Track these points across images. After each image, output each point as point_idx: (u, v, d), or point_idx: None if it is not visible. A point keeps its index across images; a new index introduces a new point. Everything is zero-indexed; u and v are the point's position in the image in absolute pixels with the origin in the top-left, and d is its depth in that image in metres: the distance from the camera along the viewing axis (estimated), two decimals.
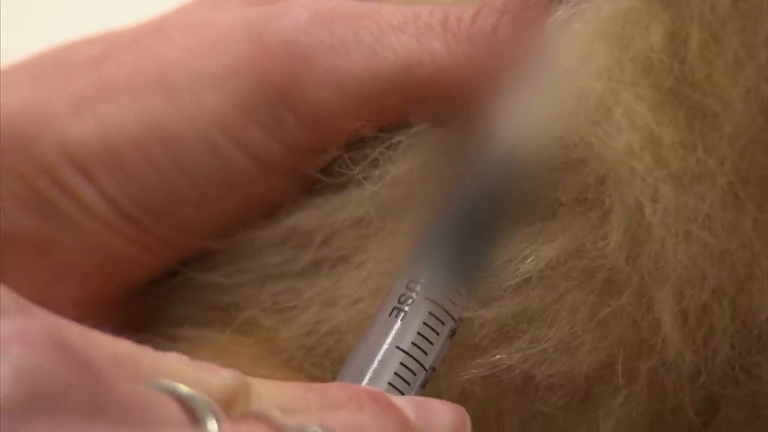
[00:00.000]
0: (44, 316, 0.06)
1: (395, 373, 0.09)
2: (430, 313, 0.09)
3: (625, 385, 0.08)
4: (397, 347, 0.09)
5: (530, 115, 0.09)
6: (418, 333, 0.09)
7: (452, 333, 0.10)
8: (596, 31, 0.09)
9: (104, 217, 0.12)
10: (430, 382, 0.10)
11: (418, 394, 0.09)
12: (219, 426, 0.06)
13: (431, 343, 0.09)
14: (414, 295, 0.10)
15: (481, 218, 0.10)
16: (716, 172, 0.08)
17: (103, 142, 0.12)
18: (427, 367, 0.09)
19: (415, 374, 0.09)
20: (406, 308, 0.09)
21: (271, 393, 0.08)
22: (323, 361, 0.11)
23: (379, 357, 0.09)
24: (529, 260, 0.09)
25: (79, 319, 0.12)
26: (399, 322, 0.09)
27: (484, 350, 0.09)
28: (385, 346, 0.09)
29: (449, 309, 0.09)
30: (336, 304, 0.11)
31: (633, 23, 0.09)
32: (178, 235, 0.13)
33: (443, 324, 0.09)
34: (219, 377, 0.07)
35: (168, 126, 0.12)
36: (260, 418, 0.07)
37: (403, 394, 0.09)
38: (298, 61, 0.12)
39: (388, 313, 0.10)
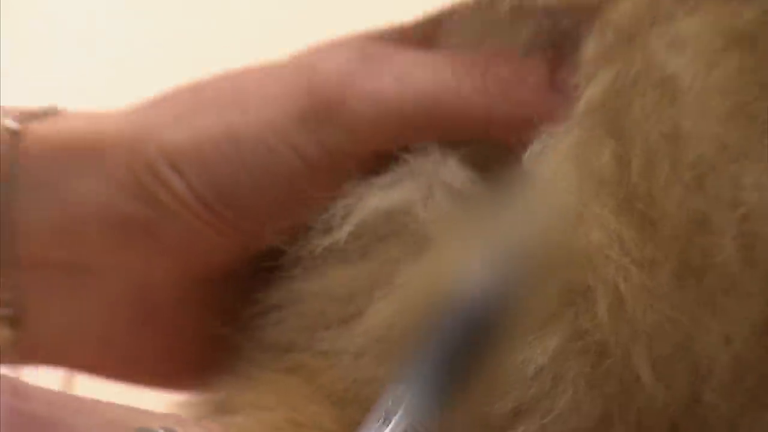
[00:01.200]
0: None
1: None
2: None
3: (621, 426, 0.11)
4: None
5: (518, 233, 0.12)
6: None
7: None
8: (563, 156, 0.12)
9: (192, 206, 0.16)
10: None
11: None
12: None
13: None
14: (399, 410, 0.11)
15: (463, 349, 0.12)
16: (664, 262, 0.11)
17: (192, 144, 0.17)
18: None
19: None
20: (392, 418, 0.11)
21: None
22: (364, 405, 0.12)
23: None
24: (538, 353, 0.11)
25: (176, 293, 0.16)
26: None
27: (507, 426, 0.12)
28: None
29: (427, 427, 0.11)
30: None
31: (588, 148, 0.12)
32: (246, 223, 0.16)
33: None
34: None
35: (240, 132, 0.16)
36: None
37: None
38: (343, 81, 0.16)
39: (376, 420, 0.11)
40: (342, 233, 0.13)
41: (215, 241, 0.17)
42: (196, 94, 0.18)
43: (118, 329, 0.18)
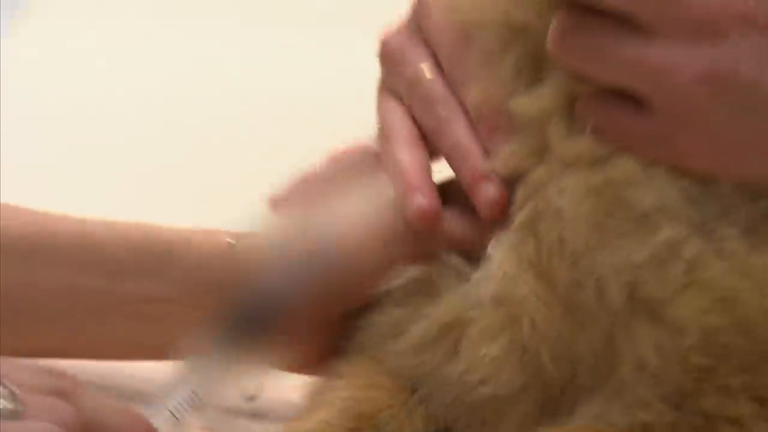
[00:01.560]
0: None
1: None
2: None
3: (533, 390, 0.22)
4: None
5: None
6: None
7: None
8: (508, 248, 0.23)
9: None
10: None
11: None
12: None
13: None
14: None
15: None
16: (558, 304, 0.21)
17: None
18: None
19: None
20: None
21: None
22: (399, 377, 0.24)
23: None
24: (493, 349, 0.22)
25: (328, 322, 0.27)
26: None
27: (473, 390, 0.23)
28: None
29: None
30: None
31: (521, 245, 0.23)
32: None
33: None
34: None
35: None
36: None
37: None
38: None
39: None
40: (393, 290, 0.24)
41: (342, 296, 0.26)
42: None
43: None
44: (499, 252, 0.23)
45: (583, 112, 0.22)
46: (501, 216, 0.23)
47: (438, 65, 0.26)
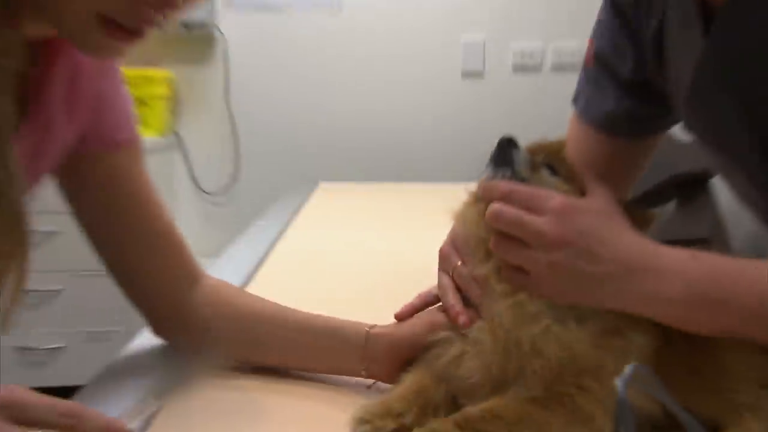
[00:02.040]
0: None
1: None
2: None
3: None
4: None
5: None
6: None
7: None
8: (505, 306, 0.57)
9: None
10: None
11: None
12: None
13: None
14: None
15: None
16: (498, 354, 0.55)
17: (394, 338, 0.61)
18: None
19: None
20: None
21: None
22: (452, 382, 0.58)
23: None
24: (475, 356, 0.56)
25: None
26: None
27: (467, 385, 0.57)
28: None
29: None
30: None
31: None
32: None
33: None
34: None
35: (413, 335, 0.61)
36: None
37: None
38: None
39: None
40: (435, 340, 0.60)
41: None
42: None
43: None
44: (476, 329, 0.57)
45: (504, 274, 0.57)
46: (470, 323, 0.58)
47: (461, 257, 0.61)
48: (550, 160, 0.61)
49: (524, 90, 2.40)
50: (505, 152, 0.60)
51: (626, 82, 0.74)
